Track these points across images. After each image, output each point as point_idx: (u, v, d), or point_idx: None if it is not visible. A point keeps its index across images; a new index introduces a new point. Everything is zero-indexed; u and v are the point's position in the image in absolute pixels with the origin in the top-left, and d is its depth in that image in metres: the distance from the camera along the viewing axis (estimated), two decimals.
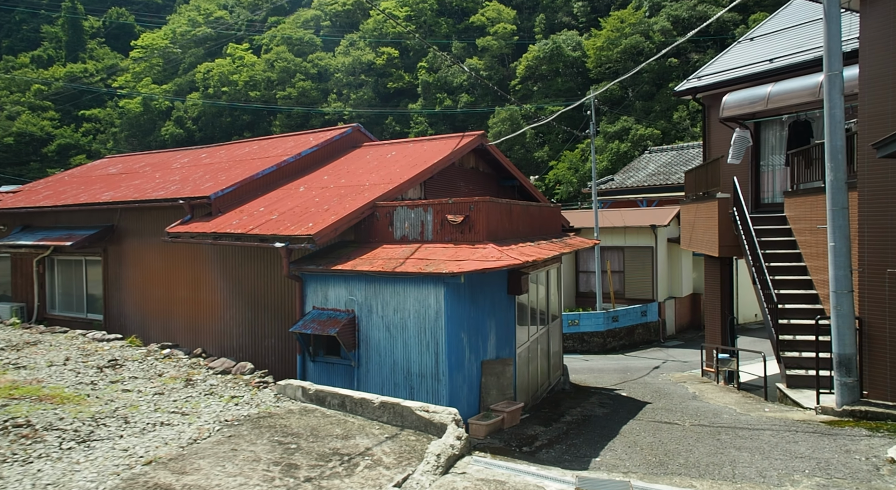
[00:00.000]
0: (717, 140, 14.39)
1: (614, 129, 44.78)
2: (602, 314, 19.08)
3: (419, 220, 8.21)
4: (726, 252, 12.53)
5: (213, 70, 54.11)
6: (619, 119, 45.20)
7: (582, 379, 14.28)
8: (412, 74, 52.02)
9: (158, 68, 58.89)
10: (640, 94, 45.21)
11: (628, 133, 43.80)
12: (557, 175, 45.16)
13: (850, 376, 8.23)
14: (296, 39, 54.96)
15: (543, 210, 10.35)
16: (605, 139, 45.09)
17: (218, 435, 5.93)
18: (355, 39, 54.18)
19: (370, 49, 53.14)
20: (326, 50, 55.29)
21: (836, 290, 8.37)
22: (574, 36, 48.39)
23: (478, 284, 7.77)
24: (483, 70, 49.43)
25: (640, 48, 44.79)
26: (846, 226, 8.33)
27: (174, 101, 55.48)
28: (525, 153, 47.20)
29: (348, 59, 52.33)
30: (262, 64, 54.09)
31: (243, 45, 57.54)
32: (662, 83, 44.86)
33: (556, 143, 47.70)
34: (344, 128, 11.96)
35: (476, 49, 50.88)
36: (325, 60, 53.68)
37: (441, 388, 7.14)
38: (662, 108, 43.97)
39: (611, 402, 10.27)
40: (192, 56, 58.16)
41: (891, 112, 8.51)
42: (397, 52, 52.77)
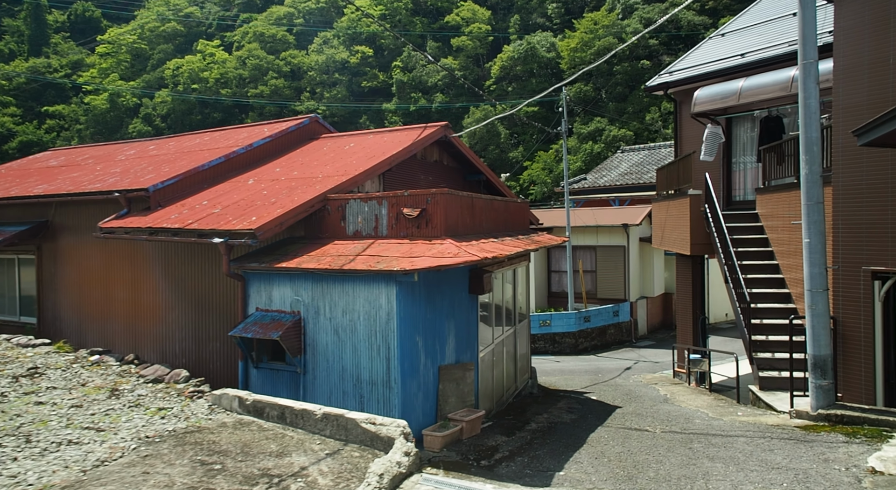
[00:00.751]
0: (688, 136, 14.02)
1: (588, 129, 44.66)
2: (574, 314, 18.63)
3: (373, 214, 7.55)
4: (698, 250, 12.12)
5: (183, 67, 52.56)
6: (593, 120, 45.10)
7: (552, 381, 13.75)
8: (387, 74, 51.26)
9: (126, 64, 57.05)
10: (614, 96, 45.19)
11: (602, 134, 43.71)
12: (532, 175, 44.86)
13: (826, 379, 7.80)
14: (268, 36, 53.73)
15: (509, 205, 9.78)
16: (579, 140, 44.94)
17: (132, 455, 5.19)
18: (329, 37, 53.21)
19: (344, 47, 52.22)
20: (300, 48, 54.18)
21: (811, 288, 7.94)
22: (548, 37, 48.19)
23: (435, 283, 7.14)
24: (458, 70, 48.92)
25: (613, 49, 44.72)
26: (821, 221, 7.91)
27: (142, 98, 53.78)
28: (500, 153, 46.79)
29: (322, 58, 51.33)
30: (233, 61, 52.75)
31: (214, 41, 56.08)
32: (635, 85, 44.86)
33: (531, 143, 47.39)
34: (300, 118, 11.23)
35: (451, 49, 50.36)
36: (298, 58, 52.58)
37: (393, 397, 6.49)
38: (635, 110, 43.97)
39: (579, 406, 9.73)
40: (161, 52, 56.46)
41: (866, 104, 8.14)
42: (372, 51, 51.96)
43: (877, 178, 8.08)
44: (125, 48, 57.00)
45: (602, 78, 45.52)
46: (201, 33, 58.53)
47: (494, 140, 46.51)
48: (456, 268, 7.43)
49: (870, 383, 8.23)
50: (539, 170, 43.89)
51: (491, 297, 9.03)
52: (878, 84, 7.99)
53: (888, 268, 8.03)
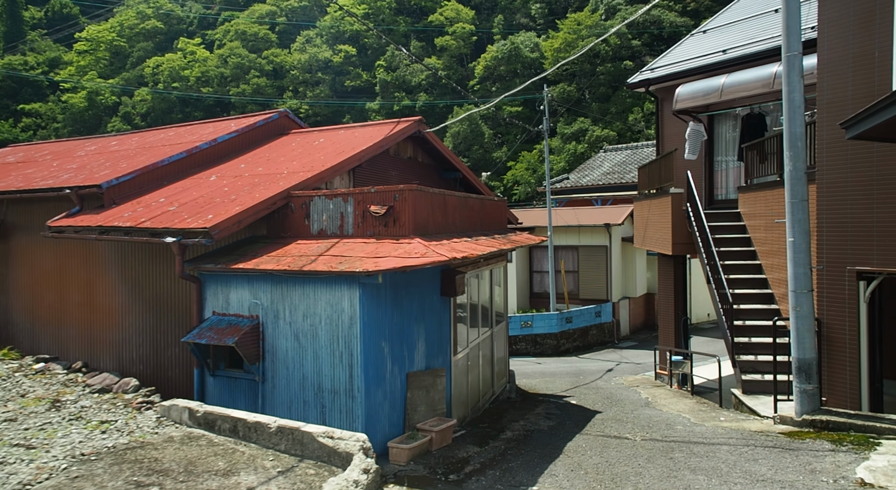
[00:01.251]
0: (670, 134, 13.72)
1: (571, 130, 44.49)
2: (556, 315, 18.28)
3: (338, 211, 7.08)
4: (680, 250, 11.81)
5: (164, 65, 51.54)
6: (576, 120, 44.93)
7: (532, 384, 13.37)
8: (370, 73, 50.69)
9: (105, 62, 55.81)
10: (597, 96, 45.08)
11: (585, 134, 43.55)
12: (516, 175, 44.56)
13: (811, 383, 7.49)
14: (250, 35, 52.87)
15: (486, 203, 9.36)
16: (563, 140, 44.75)
17: (61, 476, 4.67)
18: (312, 36, 52.50)
19: (327, 46, 51.56)
20: (282, 46, 53.38)
21: (795, 289, 7.62)
22: (532, 37, 47.97)
23: (403, 285, 6.70)
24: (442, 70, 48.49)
25: (597, 50, 44.59)
26: (806, 220, 7.60)
27: (122, 96, 52.64)
28: (484, 153, 46.45)
29: (305, 56, 50.62)
30: (214, 59, 51.81)
31: (195, 39, 55.07)
32: (618, 85, 44.76)
33: (515, 143, 47.11)
34: (269, 113, 10.72)
35: (435, 48, 49.93)
36: (280, 57, 51.79)
37: (356, 407, 6.02)
38: (618, 110, 43.87)
39: (558, 412, 9.34)
40: (141, 50, 55.31)
41: (851, 98, 7.84)
42: (355, 50, 51.35)
43: (862, 174, 7.79)
44: (104, 46, 55.74)
45: (585, 78, 45.39)
46: (182, 31, 57.48)
47: (478, 140, 46.16)
48: (425, 269, 7.00)
49: (855, 387, 7.93)
50: (523, 170, 43.61)
51: (466, 298, 8.61)
52: (863, 78, 7.70)
53: (873, 268, 7.74)
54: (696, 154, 12.67)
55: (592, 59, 44.84)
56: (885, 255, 7.61)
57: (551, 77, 47.70)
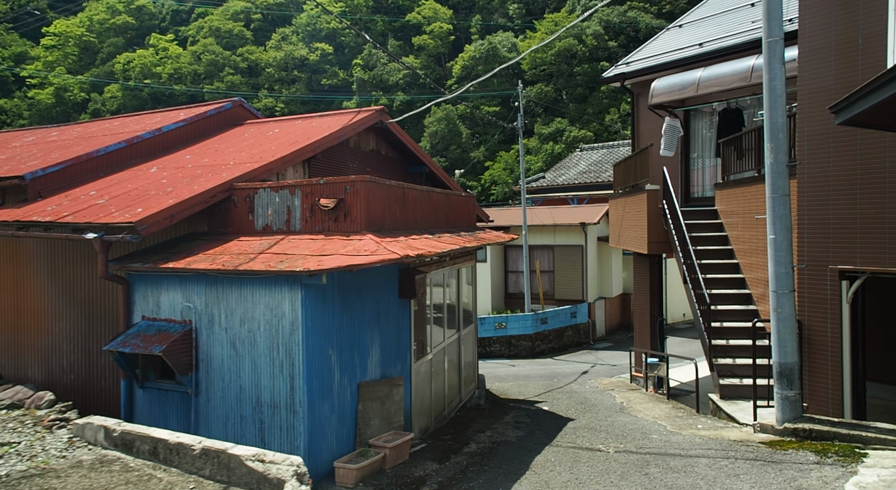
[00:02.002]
0: (646, 130, 13.25)
1: (548, 130, 44.16)
2: (530, 316, 17.73)
3: (285, 205, 6.38)
4: (655, 249, 11.32)
5: (135, 61, 49.94)
6: (553, 121, 44.62)
7: (504, 389, 12.77)
8: (347, 71, 49.80)
9: (73, 58, 53.93)
10: (574, 97, 44.85)
11: (562, 135, 43.25)
12: (493, 175, 44.07)
13: (792, 389, 7.00)
14: (224, 32, 51.55)
15: (452, 199, 8.72)
16: (540, 140, 44.40)
17: None
18: (288, 34, 51.41)
19: (303, 44, 50.51)
20: (258, 44, 52.18)
21: (776, 289, 7.13)
22: (510, 37, 47.58)
23: (353, 287, 6.02)
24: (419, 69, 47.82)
25: (574, 51, 44.37)
26: (787, 216, 7.11)
27: (91, 93, 50.89)
28: (461, 153, 45.88)
29: (280, 54, 49.50)
30: (188, 56, 50.41)
31: (168, 35, 53.52)
32: (595, 86, 44.59)
33: (493, 144, 46.66)
34: (221, 102, 9.96)
35: (412, 47, 49.25)
36: (255, 54, 50.59)
37: (298, 423, 5.33)
38: (595, 111, 43.69)
39: (528, 420, 8.74)
40: (112, 46, 53.57)
41: (833, 88, 7.39)
42: (332, 49, 50.40)
43: (844, 168, 7.34)
44: (73, 41, 53.89)
45: (562, 79, 45.11)
46: (154, 27, 55.87)
47: (456, 140, 45.59)
48: (379, 268, 6.33)
49: (837, 392, 7.48)
50: (500, 170, 43.15)
51: (429, 300, 7.96)
52: (846, 66, 7.24)
53: (856, 266, 7.29)
54: (673, 150, 12.21)
55: (569, 60, 44.58)
56: (868, 254, 7.17)
57: (529, 78, 47.38)
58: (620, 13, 45.85)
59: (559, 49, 44.27)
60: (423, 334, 7.73)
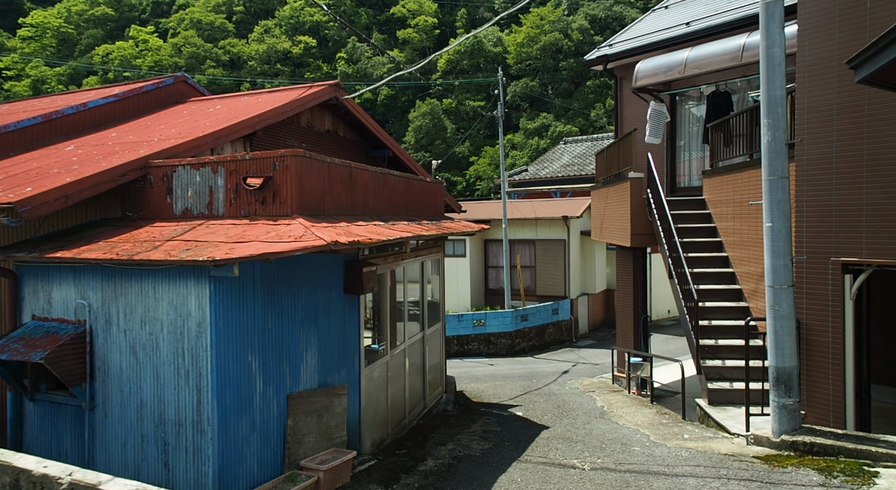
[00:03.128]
0: (630, 116, 12.36)
1: (534, 125, 43.32)
2: (510, 313, 16.82)
3: (206, 185, 5.37)
4: (639, 241, 10.43)
5: (114, 53, 48.34)
6: (539, 116, 43.79)
7: (479, 390, 11.85)
8: (331, 65, 48.53)
9: (52, 49, 52.11)
10: (559, 92, 44.00)
11: (547, 130, 42.43)
12: (478, 170, 43.17)
13: (791, 396, 6.12)
14: (206, 24, 50.06)
15: (413, 184, 7.75)
16: (525, 136, 43.55)
17: None
18: (271, 26, 50.04)
19: (286, 37, 49.17)
20: (240, 36, 50.74)
21: (773, 284, 6.25)
22: (495, 31, 46.60)
23: (281, 280, 5.03)
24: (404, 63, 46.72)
25: (559, 46, 43.52)
26: (786, 201, 6.23)
27: (69, 85, 49.15)
28: (446, 148, 44.84)
29: (263, 47, 48.13)
30: (168, 48, 48.86)
31: (148, 27, 51.92)
32: (581, 81, 43.82)
33: (478, 139, 45.73)
34: (161, 78, 8.91)
35: (397, 41, 48.13)
36: (237, 47, 49.17)
37: (206, 444, 4.34)
38: (581, 106, 42.90)
39: (498, 429, 7.81)
40: (91, 37, 51.87)
41: (837, 57, 6.51)
42: (315, 42, 49.11)
43: (850, 149, 6.47)
44: (51, 32, 52.07)
45: (548, 74, 44.26)
46: (134, 19, 54.22)
47: (441, 135, 44.59)
48: (314, 259, 5.35)
49: (839, 399, 6.62)
50: (485, 165, 42.23)
51: (384, 297, 6.99)
52: (853, 33, 6.36)
53: (861, 259, 6.44)
54: (659, 137, 11.33)
55: (555, 55, 43.71)
56: (874, 244, 6.31)
57: (514, 72, 46.47)
58: (606, 8, 45.07)
59: (545, 43, 43.40)
60: (378, 334, 6.77)
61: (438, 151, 44.57)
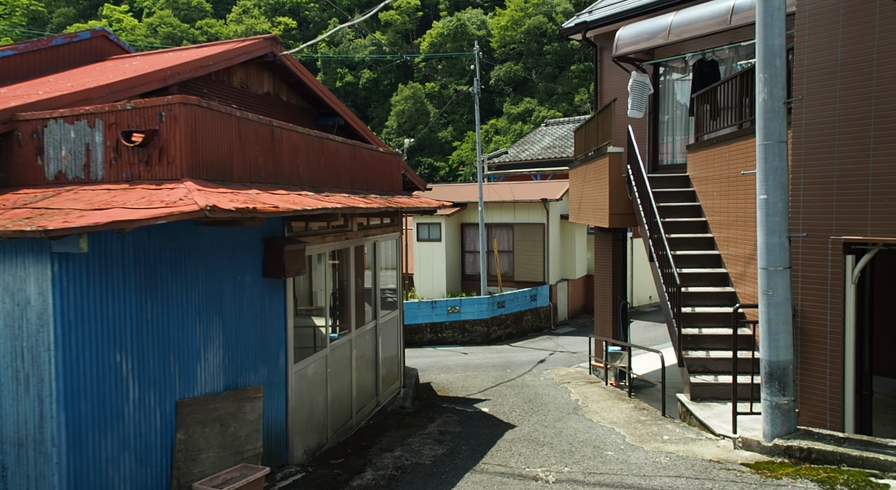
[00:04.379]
0: (610, 89, 11.36)
1: (517, 110, 42.25)
2: (486, 299, 15.90)
3: (83, 142, 4.29)
4: (618, 222, 9.50)
5: None
6: (523, 101, 42.69)
7: (448, 382, 10.93)
8: (311, 47, 46.80)
9: (22, 28, 49.74)
10: (544, 76, 42.85)
11: (531, 115, 41.38)
12: (461, 156, 42.07)
13: (785, 394, 5.24)
14: (182, 3, 48.08)
15: (361, 153, 6.71)
16: (509, 120, 42.46)
17: None
18: (249, 6, 48.21)
19: (265, 18, 47.41)
20: (217, 16, 48.88)
21: (766, 265, 5.34)
22: (479, 14, 45.28)
23: (167, 261, 4.00)
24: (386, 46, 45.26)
25: (544, 29, 42.31)
26: (784, 169, 5.30)
27: None
28: (429, 133, 43.63)
29: (241, 28, 46.33)
30: (143, 28, 46.90)
31: (122, 6, 49.82)
32: (565, 66, 42.73)
33: (461, 123, 44.55)
34: (76, 33, 7.73)
35: (379, 23, 46.55)
36: (215, 28, 47.33)
37: (50, 470, 3.33)
38: (565, 91, 41.87)
39: (458, 429, 6.87)
40: (62, 16, 49.66)
41: (844, 5, 5.56)
42: (295, 23, 47.45)
43: (855, 110, 5.54)
44: (20, 10, 49.73)
45: (532, 58, 43.07)
46: None
47: (423, 119, 43.32)
48: (217, 235, 4.31)
49: (837, 396, 5.76)
50: (468, 150, 41.09)
51: (324, 280, 5.98)
52: None
53: (866, 237, 5.54)
54: (642, 111, 10.35)
55: (539, 38, 42.50)
56: (882, 220, 5.41)
57: (498, 56, 45.21)
58: None
59: (529, 27, 42.17)
60: (310, 326, 5.77)
61: (421, 136, 43.35)
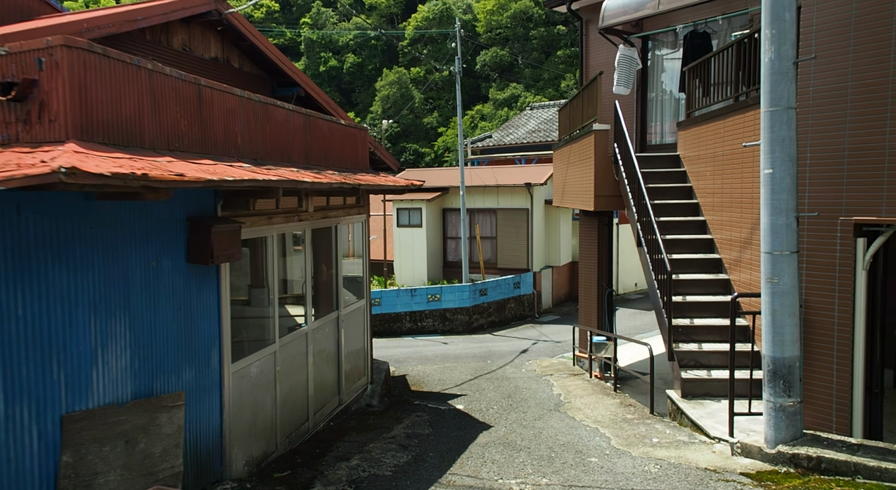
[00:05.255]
0: (596, 65, 10.58)
1: (503, 96, 41.34)
2: (468, 287, 15.18)
3: None
4: (604, 204, 8.79)
5: None
6: (509, 86, 41.77)
7: (424, 375, 10.23)
8: (294, 31, 45.44)
9: None
10: (530, 62, 41.90)
11: (517, 100, 40.50)
12: (447, 142, 41.13)
13: (792, 395, 4.58)
14: None
15: (317, 124, 5.88)
16: (494, 106, 41.56)
17: None
18: None
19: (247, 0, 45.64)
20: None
21: (771, 249, 4.65)
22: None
23: (47, 241, 3.18)
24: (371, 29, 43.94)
25: (530, 14, 41.29)
26: (792, 139, 4.58)
27: None
28: (414, 119, 42.65)
29: None
30: None
31: None
32: (551, 51, 41.81)
33: (447, 109, 43.53)
34: None
35: (363, 6, 45.20)
36: None
37: None
38: (551, 76, 40.99)
39: (427, 431, 6.17)
40: None
41: None
42: (278, 6, 45.88)
43: (871, 73, 4.83)
44: None
45: (518, 43, 42.06)
46: None
47: (408, 104, 42.22)
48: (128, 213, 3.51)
49: (845, 394, 5.13)
50: (454, 136, 40.11)
51: (272, 267, 5.19)
52: None
53: (880, 217, 4.87)
54: (629, 87, 9.60)
55: (525, 23, 41.48)
56: None
57: (485, 41, 44.12)
58: None
59: (515, 11, 41.11)
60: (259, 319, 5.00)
61: (406, 122, 42.35)
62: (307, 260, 5.85)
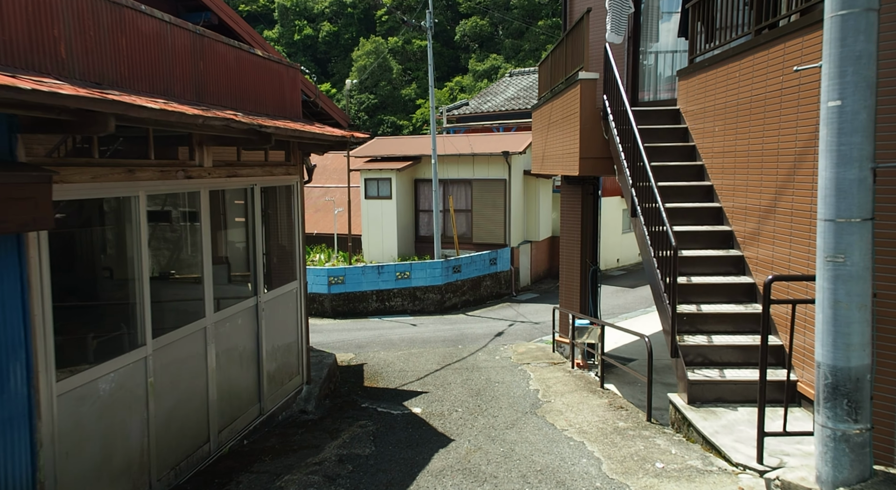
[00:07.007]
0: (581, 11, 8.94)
1: (483, 67, 39.34)
2: (440, 264, 13.72)
3: None
4: (590, 168, 7.31)
5: None
6: (489, 57, 39.74)
7: (385, 363, 8.80)
8: None
9: None
10: (510, 32, 39.84)
11: (497, 72, 38.53)
12: (425, 114, 39.13)
13: (859, 421, 3.19)
14: None
15: (213, 48, 4.24)
16: (474, 78, 39.56)
17: None
18: None
19: None
20: None
21: (835, 215, 3.19)
22: None
23: None
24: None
25: None
26: (871, 56, 3.09)
27: None
28: (392, 90, 40.47)
29: None
30: None
31: None
32: (532, 21, 39.73)
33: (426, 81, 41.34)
34: None
35: None
36: None
37: None
38: (532, 47, 39.04)
39: (369, 449, 4.72)
40: None
41: None
42: None
43: None
44: None
45: (499, 12, 39.86)
46: None
47: (386, 75, 40.04)
48: None
49: None
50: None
51: (139, 244, 3.61)
52: None
53: None
54: (622, 34, 8.02)
55: None
56: None
57: (464, 10, 41.83)
58: None
59: None
60: (121, 313, 3.44)
61: (384, 93, 40.18)
62: (203, 231, 4.26)
